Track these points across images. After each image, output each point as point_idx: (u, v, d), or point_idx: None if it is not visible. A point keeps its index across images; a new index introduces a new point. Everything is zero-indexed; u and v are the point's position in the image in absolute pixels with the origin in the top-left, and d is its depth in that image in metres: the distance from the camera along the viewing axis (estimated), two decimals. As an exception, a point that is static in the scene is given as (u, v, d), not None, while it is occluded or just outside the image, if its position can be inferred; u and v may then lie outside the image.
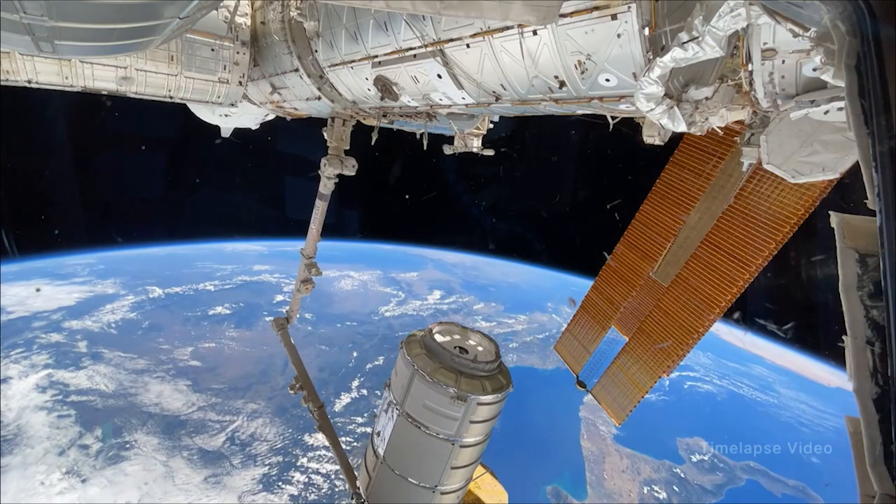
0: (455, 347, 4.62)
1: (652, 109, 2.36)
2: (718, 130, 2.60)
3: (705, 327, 6.79)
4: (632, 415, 7.98)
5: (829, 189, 5.12)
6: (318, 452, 33.16)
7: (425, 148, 5.44)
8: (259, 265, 57.71)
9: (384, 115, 5.30)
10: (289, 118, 7.12)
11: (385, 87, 4.14)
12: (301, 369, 7.13)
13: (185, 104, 6.56)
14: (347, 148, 6.22)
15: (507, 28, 2.74)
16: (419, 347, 4.54)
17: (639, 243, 7.63)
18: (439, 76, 3.48)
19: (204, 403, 35.79)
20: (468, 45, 3.06)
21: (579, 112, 3.28)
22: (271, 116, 7.60)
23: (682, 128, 2.47)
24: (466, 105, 3.74)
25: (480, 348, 4.89)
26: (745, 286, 6.25)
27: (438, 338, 4.65)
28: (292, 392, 7.01)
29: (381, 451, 4.68)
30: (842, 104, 2.18)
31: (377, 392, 38.36)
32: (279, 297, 49.32)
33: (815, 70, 2.01)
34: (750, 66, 2.35)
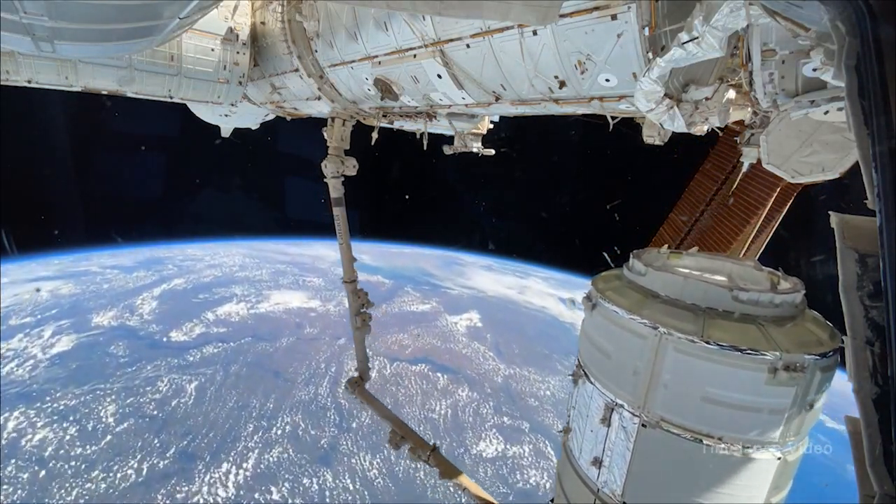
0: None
1: (652, 109, 2.36)
2: (718, 131, 2.60)
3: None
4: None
5: (801, 185, 5.16)
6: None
7: (425, 148, 5.44)
8: (259, 264, 57.72)
9: (384, 115, 5.30)
10: (289, 118, 7.12)
11: (385, 87, 4.14)
12: (397, 422, 6.46)
13: (184, 104, 6.56)
14: (347, 148, 6.22)
15: (507, 28, 2.74)
16: (639, 293, 2.54)
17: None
18: (439, 76, 3.48)
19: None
20: (468, 45, 3.06)
21: (579, 112, 3.28)
22: (271, 116, 7.60)
23: (682, 128, 2.48)
24: (466, 105, 3.74)
25: (743, 273, 2.82)
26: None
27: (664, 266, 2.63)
28: (392, 447, 6.25)
29: (616, 489, 2.65)
30: (842, 104, 2.18)
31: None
32: (280, 299, 49.21)
33: (815, 70, 2.01)
34: (750, 66, 2.35)
